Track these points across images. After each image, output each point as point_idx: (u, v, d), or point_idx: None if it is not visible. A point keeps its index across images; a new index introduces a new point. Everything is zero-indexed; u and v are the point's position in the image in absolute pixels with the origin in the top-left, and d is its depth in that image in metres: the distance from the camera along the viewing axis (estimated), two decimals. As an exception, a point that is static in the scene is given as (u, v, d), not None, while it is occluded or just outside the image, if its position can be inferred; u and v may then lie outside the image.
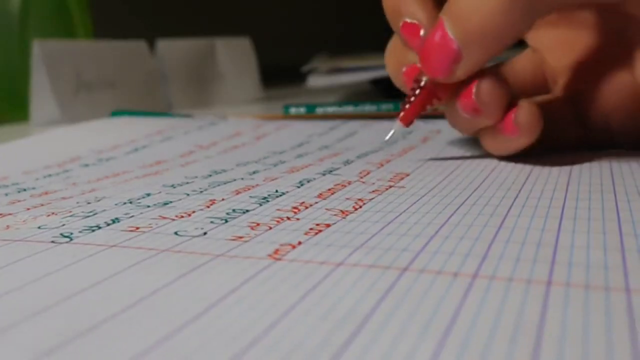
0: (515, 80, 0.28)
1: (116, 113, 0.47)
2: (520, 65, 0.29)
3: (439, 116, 0.30)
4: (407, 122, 0.24)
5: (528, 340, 0.10)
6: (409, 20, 0.23)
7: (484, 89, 0.22)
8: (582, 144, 0.26)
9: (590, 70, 0.26)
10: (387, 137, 0.24)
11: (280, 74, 0.78)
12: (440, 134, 0.33)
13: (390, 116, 0.40)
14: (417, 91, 0.23)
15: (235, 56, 0.68)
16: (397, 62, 0.26)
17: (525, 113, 0.22)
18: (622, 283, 0.12)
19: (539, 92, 0.28)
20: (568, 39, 0.27)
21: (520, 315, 0.10)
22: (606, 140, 0.26)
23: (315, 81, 0.58)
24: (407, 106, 0.24)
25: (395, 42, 0.26)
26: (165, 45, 0.60)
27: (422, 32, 0.23)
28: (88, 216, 0.19)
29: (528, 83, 0.29)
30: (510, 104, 0.23)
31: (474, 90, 0.22)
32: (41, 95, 0.48)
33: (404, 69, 0.25)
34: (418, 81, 0.23)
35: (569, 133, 0.26)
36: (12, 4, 0.52)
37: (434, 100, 0.23)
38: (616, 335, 0.10)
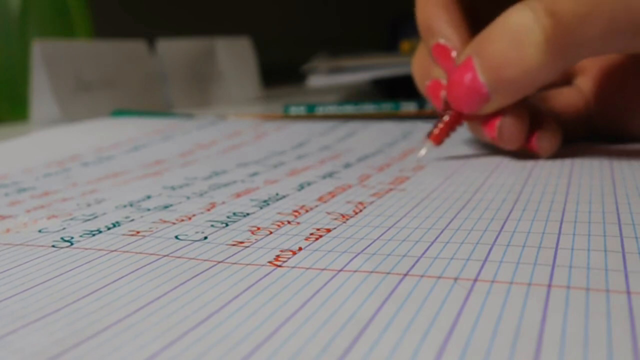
0: None
1: (116, 113, 0.47)
2: None
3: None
4: (439, 142, 0.25)
5: (529, 343, 0.10)
6: (441, 42, 0.23)
7: (506, 128, 0.23)
8: (585, 138, 0.27)
9: (615, 77, 0.26)
10: (420, 156, 0.25)
11: (280, 74, 0.78)
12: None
13: (390, 116, 0.40)
14: (449, 111, 0.24)
15: (235, 56, 0.68)
16: (422, 70, 0.26)
17: (547, 139, 0.24)
18: (622, 285, 0.12)
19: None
20: None
21: (521, 319, 0.10)
22: (611, 136, 0.27)
23: (315, 81, 0.57)
24: (440, 125, 0.24)
25: (422, 49, 0.26)
26: (165, 45, 0.59)
27: (453, 54, 0.23)
28: (88, 219, 0.19)
29: None
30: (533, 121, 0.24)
31: (497, 125, 0.23)
32: (41, 94, 0.48)
33: (428, 83, 0.26)
34: (448, 104, 0.24)
35: (578, 131, 0.27)
36: (12, 4, 0.52)
37: (463, 120, 0.24)
38: (617, 337, 0.10)
